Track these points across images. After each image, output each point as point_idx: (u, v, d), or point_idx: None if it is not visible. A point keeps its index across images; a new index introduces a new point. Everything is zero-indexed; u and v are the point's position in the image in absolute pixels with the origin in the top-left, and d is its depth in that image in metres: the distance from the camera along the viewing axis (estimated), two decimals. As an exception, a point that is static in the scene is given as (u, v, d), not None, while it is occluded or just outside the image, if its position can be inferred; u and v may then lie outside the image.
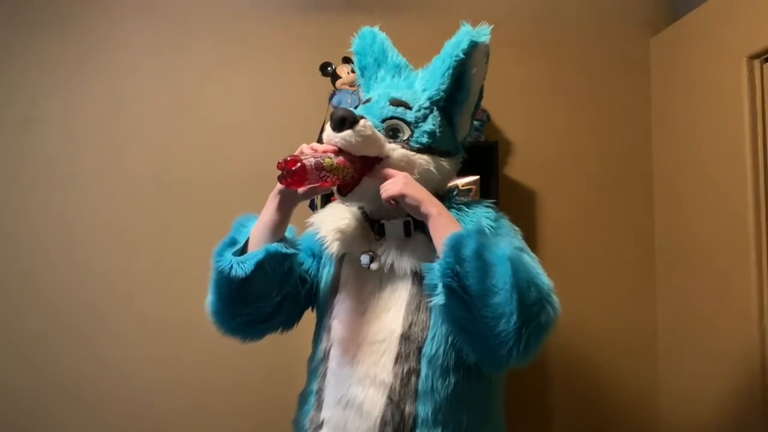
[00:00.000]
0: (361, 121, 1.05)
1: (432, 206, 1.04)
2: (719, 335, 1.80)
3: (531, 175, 2.17)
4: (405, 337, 1.06)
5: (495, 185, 1.96)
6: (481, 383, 1.09)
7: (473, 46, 1.11)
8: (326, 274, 1.22)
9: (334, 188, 1.11)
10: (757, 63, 1.70)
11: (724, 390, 1.78)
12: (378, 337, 1.08)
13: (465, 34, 1.12)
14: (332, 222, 1.22)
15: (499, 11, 2.19)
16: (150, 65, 2.12)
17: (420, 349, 1.05)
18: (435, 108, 1.15)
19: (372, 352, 1.07)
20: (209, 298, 1.13)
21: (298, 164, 0.96)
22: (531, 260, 1.04)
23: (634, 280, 2.17)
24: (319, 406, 1.10)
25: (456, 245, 0.96)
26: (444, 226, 1.02)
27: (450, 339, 1.05)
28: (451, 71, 1.13)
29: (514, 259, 0.95)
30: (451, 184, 1.87)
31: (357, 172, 1.07)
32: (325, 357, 1.14)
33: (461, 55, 1.11)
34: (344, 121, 1.04)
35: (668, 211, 2.12)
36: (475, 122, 1.98)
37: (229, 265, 1.06)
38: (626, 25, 2.23)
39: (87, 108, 2.09)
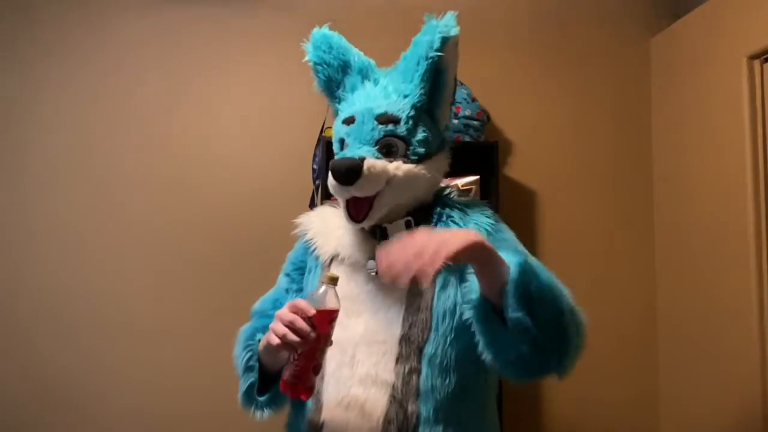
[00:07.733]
0: (365, 164, 1.05)
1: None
2: (719, 335, 1.80)
3: (531, 175, 2.17)
4: (405, 338, 1.05)
5: (495, 185, 1.96)
6: (479, 380, 1.10)
7: (445, 41, 1.08)
8: (313, 278, 1.19)
9: (346, 213, 1.10)
10: (757, 63, 1.70)
11: (724, 390, 1.78)
12: (377, 338, 1.07)
13: (434, 30, 1.09)
14: (320, 224, 1.21)
15: (499, 11, 2.18)
16: (150, 65, 2.12)
17: (421, 350, 1.05)
18: (420, 113, 1.13)
19: (372, 352, 1.06)
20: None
21: (304, 389, 0.97)
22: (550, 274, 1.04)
23: (634, 280, 2.17)
24: (318, 409, 1.08)
25: (525, 273, 0.92)
26: (499, 257, 0.95)
27: (449, 339, 1.05)
28: (428, 74, 1.11)
29: (556, 282, 0.99)
30: (451, 184, 1.90)
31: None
32: None
33: (436, 55, 1.09)
34: (352, 172, 1.04)
35: (668, 211, 2.12)
36: (475, 122, 1.98)
37: (263, 413, 1.14)
38: (626, 25, 2.23)
39: (86, 109, 2.09)
